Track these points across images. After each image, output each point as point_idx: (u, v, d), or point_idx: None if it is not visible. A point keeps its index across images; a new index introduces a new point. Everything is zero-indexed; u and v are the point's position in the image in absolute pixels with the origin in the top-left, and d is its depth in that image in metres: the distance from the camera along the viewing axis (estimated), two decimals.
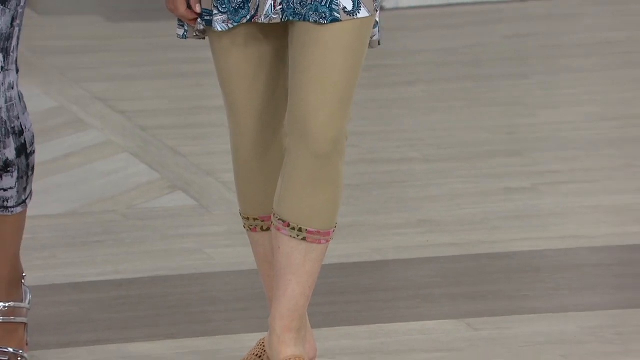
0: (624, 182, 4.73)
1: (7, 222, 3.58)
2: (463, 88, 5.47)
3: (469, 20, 6.14)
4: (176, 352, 3.70)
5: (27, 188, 3.58)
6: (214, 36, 3.39)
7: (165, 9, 3.47)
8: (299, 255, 3.39)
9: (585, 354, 3.70)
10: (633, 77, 5.57)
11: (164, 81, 5.46)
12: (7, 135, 3.49)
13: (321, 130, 3.33)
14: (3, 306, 3.60)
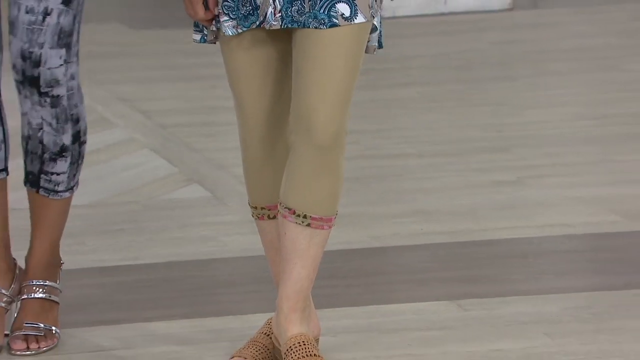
0: (601, 176, 4.73)
1: (55, 206, 3.59)
2: (455, 90, 5.48)
3: (460, 29, 6.14)
4: (192, 330, 3.70)
5: (76, 176, 3.59)
6: (223, 40, 3.39)
7: (182, 18, 3.47)
8: (304, 240, 3.40)
9: (564, 332, 3.70)
10: (610, 80, 5.57)
11: (181, 84, 5.46)
12: (66, 121, 3.51)
13: (323, 125, 3.33)
14: (43, 284, 3.61)
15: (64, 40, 3.48)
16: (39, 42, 3.46)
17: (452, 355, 3.60)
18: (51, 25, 3.46)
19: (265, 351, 3.51)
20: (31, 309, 3.60)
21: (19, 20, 3.47)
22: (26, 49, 3.47)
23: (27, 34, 3.47)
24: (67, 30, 3.47)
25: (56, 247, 3.63)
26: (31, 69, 3.48)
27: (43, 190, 3.58)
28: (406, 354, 3.59)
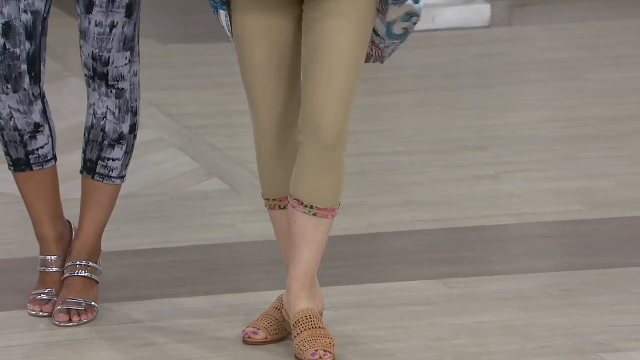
0: (568, 171, 4.72)
1: (106, 191, 3.60)
2: (441, 96, 5.47)
3: (445, 43, 6.14)
4: (213, 305, 3.69)
5: (127, 166, 3.61)
6: (241, 32, 3.33)
7: (204, 34, 3.46)
8: (310, 227, 3.38)
9: (537, 307, 3.68)
10: (575, 88, 5.57)
11: (204, 90, 5.46)
12: (127, 112, 3.55)
13: (328, 126, 3.31)
14: (86, 265, 3.60)
15: (128, 45, 3.51)
16: (108, 48, 3.50)
17: (439, 327, 3.58)
18: (117, 34, 3.49)
19: (276, 323, 3.50)
20: (74, 286, 3.59)
21: (89, 31, 3.50)
22: (97, 53, 3.51)
23: (97, 42, 3.50)
24: (130, 36, 3.51)
25: (101, 232, 3.63)
26: (101, 67, 3.52)
27: (98, 176, 3.59)
28: (398, 326, 3.58)
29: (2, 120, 3.54)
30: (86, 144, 3.58)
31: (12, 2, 3.46)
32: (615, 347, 3.46)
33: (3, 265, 3.94)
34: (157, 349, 3.49)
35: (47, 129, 3.57)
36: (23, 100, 3.52)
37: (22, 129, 3.54)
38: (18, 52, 3.47)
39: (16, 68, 3.48)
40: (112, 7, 3.45)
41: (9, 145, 3.56)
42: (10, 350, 3.47)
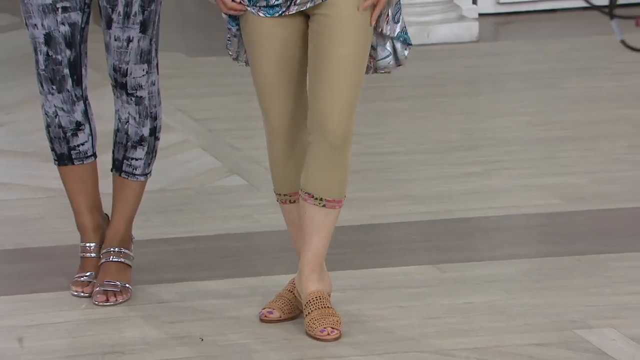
0: (547, 169, 4.71)
1: (131, 187, 3.60)
2: (434, 102, 5.47)
3: (438, 55, 6.14)
4: (233, 287, 3.69)
5: (150, 165, 3.61)
6: (253, 47, 3.33)
7: (225, 48, 3.46)
8: (320, 217, 3.37)
9: (519, 289, 3.68)
10: (553, 96, 5.56)
11: (225, 98, 5.46)
12: (146, 117, 3.55)
13: (335, 128, 3.31)
14: (119, 251, 3.60)
15: (144, 58, 3.50)
16: (126, 60, 3.49)
17: (433, 307, 3.58)
18: (133, 48, 3.48)
19: (290, 304, 3.49)
20: (110, 270, 3.59)
21: (110, 45, 3.50)
22: (117, 65, 3.50)
23: (117, 55, 3.49)
24: (146, 50, 3.50)
25: (130, 222, 3.63)
26: (121, 77, 3.51)
27: (124, 174, 3.59)
28: (397, 306, 3.57)
29: (49, 118, 3.56)
30: (114, 145, 3.59)
31: (51, 15, 3.46)
32: (588, 324, 3.45)
33: (50, 252, 3.94)
34: (184, 325, 3.48)
35: (88, 128, 3.59)
36: (67, 100, 3.53)
37: (66, 126, 3.56)
38: (60, 58, 3.49)
39: (59, 72, 3.50)
40: (128, 24, 3.45)
41: (54, 141, 3.58)
42: (56, 326, 3.47)
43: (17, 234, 4.07)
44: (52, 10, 3.46)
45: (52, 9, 3.46)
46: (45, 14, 3.46)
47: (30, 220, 4.18)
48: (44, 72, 3.50)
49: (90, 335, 3.43)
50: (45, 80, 3.51)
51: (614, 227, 4.16)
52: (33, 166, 4.66)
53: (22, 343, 3.39)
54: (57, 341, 3.41)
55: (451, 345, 3.36)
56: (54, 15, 3.46)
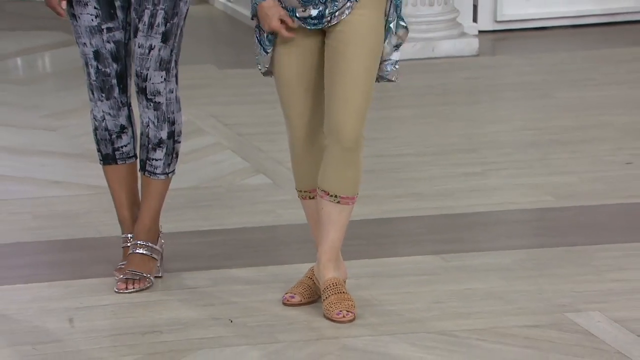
0: (539, 169, 4.68)
1: (153, 184, 3.58)
2: (438, 110, 5.45)
3: (442, 68, 6.12)
4: (258, 274, 3.67)
5: (171, 165, 3.59)
6: (278, 68, 3.33)
7: (253, 60, 3.45)
8: (335, 213, 3.36)
9: (515, 277, 3.65)
10: (544, 105, 5.54)
11: (252, 105, 5.46)
12: (164, 121, 3.54)
13: (348, 133, 3.30)
14: (145, 244, 3.59)
15: (164, 66, 3.49)
16: (147, 66, 3.48)
17: (438, 292, 3.55)
18: (154, 56, 3.47)
19: (309, 289, 3.48)
20: (134, 261, 3.58)
21: (135, 52, 3.51)
22: (139, 71, 3.51)
23: (139, 61, 3.50)
24: (165, 59, 3.49)
25: (156, 217, 3.61)
26: (142, 83, 3.50)
27: (147, 173, 3.59)
28: (406, 292, 3.55)
29: (97, 121, 3.58)
30: (140, 147, 3.59)
31: (97, 36, 3.49)
32: (577, 308, 3.44)
33: (96, 242, 3.93)
34: (214, 308, 3.47)
35: (131, 131, 3.60)
36: (113, 106, 3.55)
37: (111, 129, 3.57)
38: (108, 71, 3.51)
39: (108, 82, 3.52)
40: (151, 33, 3.44)
41: (101, 143, 3.59)
42: (103, 308, 3.46)
43: (68, 226, 4.07)
44: (98, 31, 3.47)
45: (98, 30, 3.47)
46: (92, 35, 3.47)
47: (80, 214, 4.18)
48: (95, 82, 3.53)
49: (132, 317, 3.42)
50: (96, 89, 3.53)
51: (599, 221, 4.13)
52: (82, 166, 4.66)
53: (73, 323, 3.38)
54: (103, 322, 3.40)
55: (454, 326, 3.35)
56: (100, 35, 3.48)
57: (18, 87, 5.79)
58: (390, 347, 3.24)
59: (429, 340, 3.27)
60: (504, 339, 3.28)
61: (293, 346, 3.26)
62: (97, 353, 3.24)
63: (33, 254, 3.86)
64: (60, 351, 3.25)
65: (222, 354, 3.23)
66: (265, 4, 3.25)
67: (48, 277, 3.67)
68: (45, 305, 3.49)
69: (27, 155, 4.81)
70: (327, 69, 3.31)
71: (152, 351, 3.25)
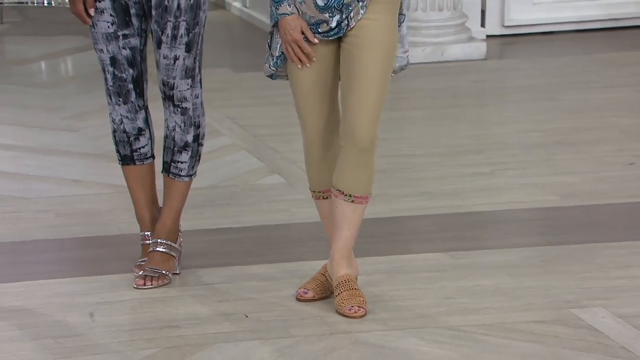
0: (545, 169, 4.66)
1: (177, 186, 3.59)
2: (447, 112, 5.43)
3: (450, 71, 6.10)
4: (273, 271, 3.66)
5: (194, 167, 3.60)
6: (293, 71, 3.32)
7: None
8: (349, 211, 3.35)
9: (522, 274, 3.64)
10: (550, 107, 5.52)
11: (267, 108, 5.45)
12: (190, 125, 3.55)
13: (363, 134, 3.30)
14: (165, 242, 3.58)
15: (189, 74, 3.50)
16: (173, 75, 3.49)
17: (447, 289, 3.54)
18: (179, 65, 3.48)
19: (322, 285, 3.47)
20: (153, 258, 3.58)
21: (160, 62, 3.51)
22: (165, 80, 3.52)
23: (165, 71, 3.50)
24: (190, 67, 3.50)
25: (177, 217, 3.61)
26: (169, 91, 3.52)
27: (172, 175, 3.59)
28: (416, 288, 3.54)
29: (115, 124, 3.58)
30: (164, 149, 3.61)
31: (113, 42, 3.50)
32: (582, 304, 3.42)
33: (117, 239, 3.93)
34: (230, 304, 3.46)
35: (148, 133, 3.60)
36: (130, 109, 3.56)
37: (129, 131, 3.57)
38: (125, 76, 3.51)
39: (124, 87, 3.53)
40: (175, 44, 3.46)
41: (119, 144, 3.60)
42: (122, 303, 3.46)
43: (90, 224, 4.07)
44: (115, 38, 3.48)
45: (114, 37, 3.48)
46: (109, 41, 3.48)
47: (101, 212, 4.18)
48: (112, 87, 3.54)
49: (151, 312, 3.42)
50: (113, 94, 3.54)
51: (603, 220, 4.11)
52: (102, 166, 4.66)
53: (93, 318, 3.38)
54: (123, 316, 3.40)
55: (462, 322, 3.34)
56: (116, 41, 3.49)
57: (42, 90, 5.80)
58: (401, 342, 3.23)
59: (438, 335, 3.26)
60: (511, 334, 3.27)
61: (306, 340, 3.25)
62: (116, 347, 3.23)
63: (55, 250, 3.86)
64: (82, 344, 3.24)
65: (237, 348, 3.22)
66: (289, 17, 3.25)
67: (70, 273, 3.67)
68: (67, 300, 3.49)
69: (49, 155, 4.81)
70: (343, 73, 3.32)
71: (169, 345, 3.24)
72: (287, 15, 3.26)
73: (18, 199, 4.31)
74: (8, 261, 3.77)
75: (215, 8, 7.40)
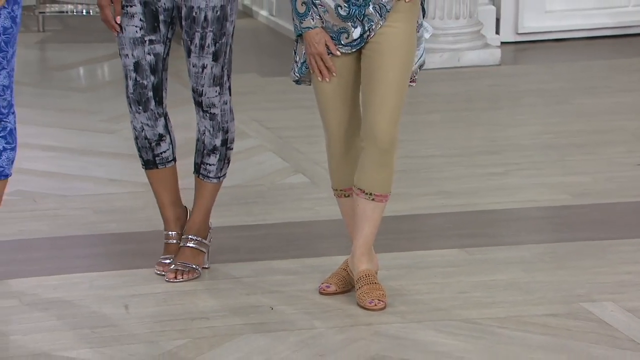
0: (557, 170, 4.63)
1: (206, 187, 3.59)
2: (464, 115, 5.41)
3: (466, 76, 6.07)
4: (297, 266, 3.65)
5: (222, 170, 3.60)
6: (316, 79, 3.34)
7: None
8: (370, 209, 3.34)
9: (534, 269, 3.61)
10: (561, 110, 5.48)
11: (292, 111, 5.44)
12: (219, 130, 3.55)
13: (384, 136, 3.29)
14: (195, 238, 3.58)
15: (217, 82, 3.50)
16: (201, 83, 3.49)
17: (463, 283, 3.52)
18: (207, 73, 3.48)
19: (344, 280, 3.46)
20: (184, 253, 3.58)
21: (190, 70, 3.52)
22: (195, 87, 3.52)
23: (195, 78, 3.51)
24: (218, 75, 3.49)
25: (207, 215, 3.61)
26: (198, 97, 3.52)
27: (201, 176, 3.59)
28: (433, 282, 3.53)
29: (137, 131, 3.59)
30: (195, 151, 3.61)
31: (139, 47, 3.49)
32: (592, 298, 3.40)
33: (150, 235, 3.93)
34: (256, 297, 3.46)
35: (169, 139, 3.60)
36: (150, 117, 3.56)
37: (150, 138, 3.58)
38: (145, 83, 3.51)
39: (145, 94, 3.52)
40: (202, 54, 3.46)
41: (142, 150, 3.60)
42: (154, 296, 3.46)
43: (124, 221, 4.07)
44: (141, 43, 3.48)
45: (140, 42, 3.48)
46: (135, 46, 3.49)
47: (135, 210, 4.18)
48: (133, 95, 3.54)
49: (182, 304, 3.41)
50: (133, 102, 3.54)
51: (612, 218, 4.08)
52: (136, 166, 4.64)
53: (128, 309, 3.38)
54: (155, 308, 3.40)
55: (477, 315, 3.32)
56: (142, 46, 3.49)
57: (80, 94, 5.81)
58: (419, 334, 3.22)
59: (454, 328, 3.24)
60: (524, 326, 3.25)
61: (329, 332, 3.24)
62: (149, 337, 3.23)
63: (92, 246, 3.87)
64: (117, 334, 3.25)
65: (263, 339, 3.22)
66: (313, 31, 3.24)
67: (105, 267, 3.67)
68: (102, 292, 3.49)
69: (87, 156, 4.82)
70: (364, 78, 3.31)
71: (199, 335, 3.24)
72: (311, 29, 3.26)
73: (58, 196, 4.32)
74: (48, 255, 3.78)
75: (243, 17, 7.40)
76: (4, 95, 3.33)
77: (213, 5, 3.45)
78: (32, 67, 6.22)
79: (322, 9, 3.27)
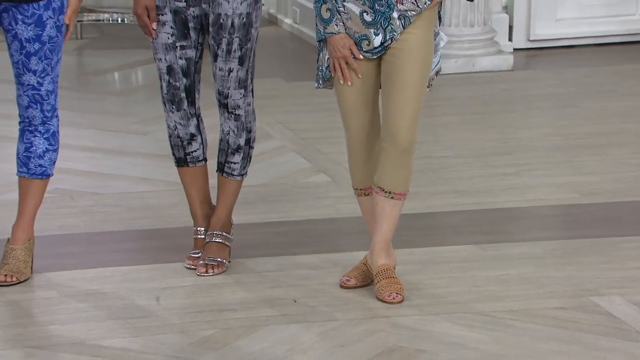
0: (566, 170, 4.60)
1: (230, 184, 3.60)
2: (478, 118, 5.38)
3: (481, 81, 6.04)
4: (319, 261, 3.64)
5: (245, 168, 3.61)
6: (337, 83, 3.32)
7: (315, 75, 3.43)
8: (388, 207, 3.33)
9: (546, 264, 3.59)
10: (571, 114, 5.45)
11: (314, 113, 5.43)
12: (242, 130, 3.55)
13: (403, 137, 3.28)
14: (220, 234, 3.59)
15: (242, 84, 3.50)
16: (227, 86, 3.50)
17: (477, 278, 3.51)
18: (233, 77, 3.49)
19: (363, 274, 3.45)
20: (211, 249, 3.59)
21: (216, 74, 3.52)
22: (220, 89, 3.52)
23: (221, 81, 3.51)
24: (243, 78, 3.50)
25: (230, 211, 3.62)
26: (223, 99, 3.53)
27: (225, 174, 3.60)
28: (449, 277, 3.51)
29: (170, 130, 3.60)
30: (219, 151, 3.62)
31: (171, 52, 3.51)
32: (600, 293, 3.38)
33: (180, 231, 3.93)
34: (281, 289, 3.45)
35: (200, 139, 3.61)
36: (183, 117, 3.57)
37: (183, 137, 3.59)
38: (178, 85, 3.53)
39: (177, 95, 3.53)
40: (229, 58, 3.47)
41: (174, 148, 3.61)
42: (184, 288, 3.47)
43: (156, 217, 4.08)
44: (173, 48, 3.50)
45: (172, 47, 3.50)
46: (167, 51, 3.50)
47: (166, 207, 4.18)
48: (167, 95, 3.55)
49: (210, 296, 3.42)
50: (167, 101, 3.56)
51: (620, 216, 4.05)
52: (167, 165, 4.66)
53: (159, 301, 3.39)
54: (185, 300, 3.40)
55: (490, 308, 3.31)
56: (174, 52, 3.50)
57: (115, 97, 5.83)
58: (435, 326, 3.21)
59: (469, 320, 3.23)
60: (535, 319, 3.23)
61: (349, 323, 3.24)
62: (179, 327, 3.24)
63: (126, 241, 3.88)
64: (148, 325, 3.25)
65: (287, 330, 3.21)
66: (337, 37, 3.24)
67: (138, 261, 3.68)
68: (135, 285, 3.50)
69: (121, 156, 4.83)
70: (384, 82, 3.31)
71: (226, 326, 3.24)
72: (335, 34, 3.26)
73: (93, 194, 4.33)
74: (84, 250, 3.79)
75: (268, 24, 7.40)
76: (48, 100, 3.35)
77: (240, 12, 3.46)
78: (71, 72, 6.24)
79: (346, 16, 3.26)
